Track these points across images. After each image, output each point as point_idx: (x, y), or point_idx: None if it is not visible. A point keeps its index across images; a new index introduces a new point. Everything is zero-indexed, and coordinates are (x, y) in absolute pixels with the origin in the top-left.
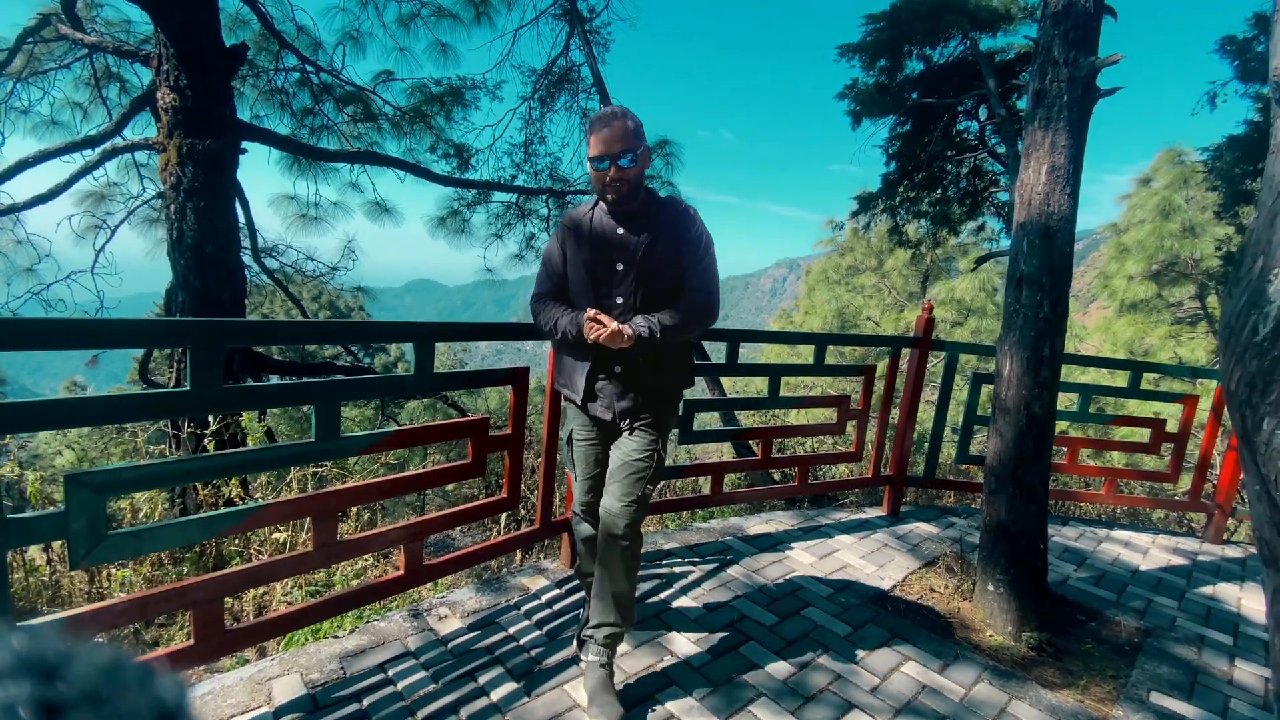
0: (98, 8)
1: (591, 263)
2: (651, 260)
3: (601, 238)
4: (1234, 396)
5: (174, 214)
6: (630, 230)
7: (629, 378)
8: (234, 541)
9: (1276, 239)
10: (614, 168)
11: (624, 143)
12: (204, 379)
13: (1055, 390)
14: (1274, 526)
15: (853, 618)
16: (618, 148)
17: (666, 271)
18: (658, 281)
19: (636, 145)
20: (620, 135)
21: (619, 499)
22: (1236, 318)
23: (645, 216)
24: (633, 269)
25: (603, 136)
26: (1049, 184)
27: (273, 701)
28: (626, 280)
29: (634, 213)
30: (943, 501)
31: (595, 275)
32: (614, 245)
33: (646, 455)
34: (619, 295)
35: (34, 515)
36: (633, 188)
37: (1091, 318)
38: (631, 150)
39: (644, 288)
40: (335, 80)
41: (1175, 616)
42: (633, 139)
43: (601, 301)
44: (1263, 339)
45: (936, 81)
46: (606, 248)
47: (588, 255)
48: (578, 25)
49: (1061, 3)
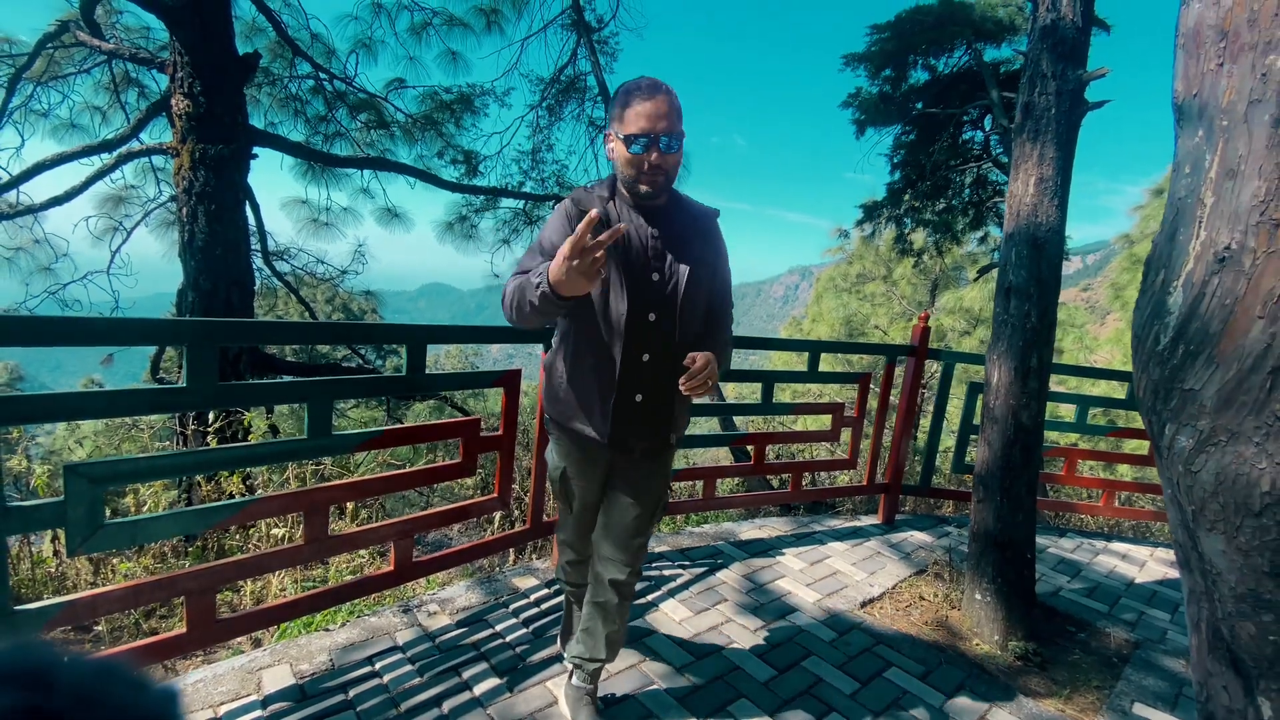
0: (117, 15)
1: (622, 261)
2: (696, 282)
3: (635, 239)
4: (1142, 403)
5: (186, 217)
6: (668, 237)
7: (652, 409)
8: (235, 537)
9: (1176, 254)
10: (656, 151)
11: (669, 121)
12: (199, 375)
13: (1044, 400)
14: (1184, 528)
15: (839, 624)
16: (663, 126)
17: (707, 285)
18: (701, 297)
19: (681, 127)
20: (668, 111)
21: (624, 547)
22: (1143, 328)
23: (678, 221)
24: (673, 286)
25: (646, 110)
26: (1037, 195)
27: (262, 690)
28: (660, 296)
29: (670, 215)
30: (940, 511)
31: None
32: (649, 251)
33: (658, 497)
34: (651, 313)
35: (35, 503)
36: (669, 180)
37: (1107, 329)
38: (677, 133)
39: (685, 309)
40: (348, 87)
41: (1166, 629)
42: (678, 119)
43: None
44: (1163, 348)
45: (941, 91)
46: (642, 253)
47: (621, 254)
48: (585, 35)
49: (1050, 17)
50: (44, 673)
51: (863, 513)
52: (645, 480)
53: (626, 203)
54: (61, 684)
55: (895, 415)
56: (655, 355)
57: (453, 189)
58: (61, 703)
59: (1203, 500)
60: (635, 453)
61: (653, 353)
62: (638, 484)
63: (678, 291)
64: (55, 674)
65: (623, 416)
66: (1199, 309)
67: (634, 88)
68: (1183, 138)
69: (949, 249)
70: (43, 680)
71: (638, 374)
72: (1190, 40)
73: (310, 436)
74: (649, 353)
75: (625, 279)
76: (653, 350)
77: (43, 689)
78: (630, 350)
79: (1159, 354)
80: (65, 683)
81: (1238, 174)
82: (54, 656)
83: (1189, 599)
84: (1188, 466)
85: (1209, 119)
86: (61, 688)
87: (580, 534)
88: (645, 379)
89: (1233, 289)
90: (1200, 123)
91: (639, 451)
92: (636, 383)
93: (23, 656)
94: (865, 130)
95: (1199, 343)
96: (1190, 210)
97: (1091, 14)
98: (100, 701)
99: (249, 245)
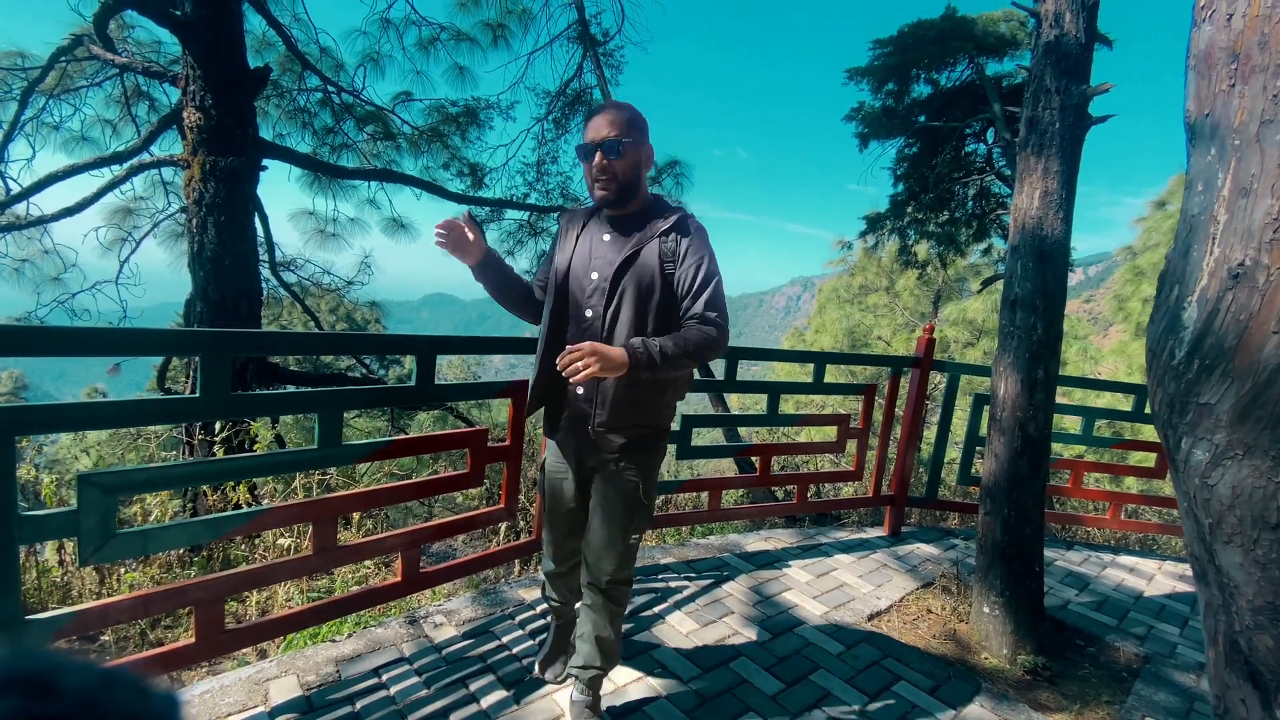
0: (129, 29)
1: (568, 266)
2: (628, 270)
3: (586, 241)
4: (1158, 417)
5: (195, 228)
6: (617, 237)
7: (603, 407)
8: (241, 547)
9: (1189, 269)
10: (599, 155)
11: (613, 129)
12: (213, 386)
13: (1050, 412)
14: (1200, 542)
15: (846, 637)
16: (604, 133)
17: (648, 288)
18: (637, 299)
19: (627, 134)
20: (609, 122)
21: (600, 555)
22: (1157, 342)
23: (639, 224)
24: (607, 280)
25: (592, 124)
26: (1042, 208)
27: (269, 702)
28: (598, 292)
29: (630, 219)
30: (946, 523)
31: (568, 281)
32: (595, 251)
33: (627, 505)
34: (588, 308)
35: (48, 513)
36: (621, 186)
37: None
38: (620, 138)
39: (620, 303)
40: (356, 100)
41: (1176, 643)
42: (624, 127)
43: (573, 314)
44: (1179, 362)
45: (944, 105)
46: (587, 253)
47: (569, 257)
48: (591, 49)
49: (1053, 33)
50: (47, 678)
51: (868, 524)
52: (617, 487)
53: (600, 214)
54: (65, 690)
55: (900, 427)
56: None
57: (458, 200)
58: (65, 708)
59: (1220, 513)
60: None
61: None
62: (608, 493)
63: (613, 290)
64: (58, 680)
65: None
66: (1214, 324)
67: (590, 111)
68: (1195, 156)
69: (952, 260)
70: (46, 686)
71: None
72: (1202, 62)
73: (320, 446)
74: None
75: (569, 275)
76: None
77: (46, 695)
78: (551, 341)
79: (1174, 368)
80: (68, 688)
81: (1250, 192)
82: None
83: (1205, 612)
84: (1204, 480)
85: (1221, 138)
86: (65, 693)
87: (553, 534)
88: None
89: (1247, 305)
90: (1213, 142)
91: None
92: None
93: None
94: (868, 143)
95: (1214, 357)
96: (1204, 227)
97: (1095, 30)
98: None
99: (257, 256)
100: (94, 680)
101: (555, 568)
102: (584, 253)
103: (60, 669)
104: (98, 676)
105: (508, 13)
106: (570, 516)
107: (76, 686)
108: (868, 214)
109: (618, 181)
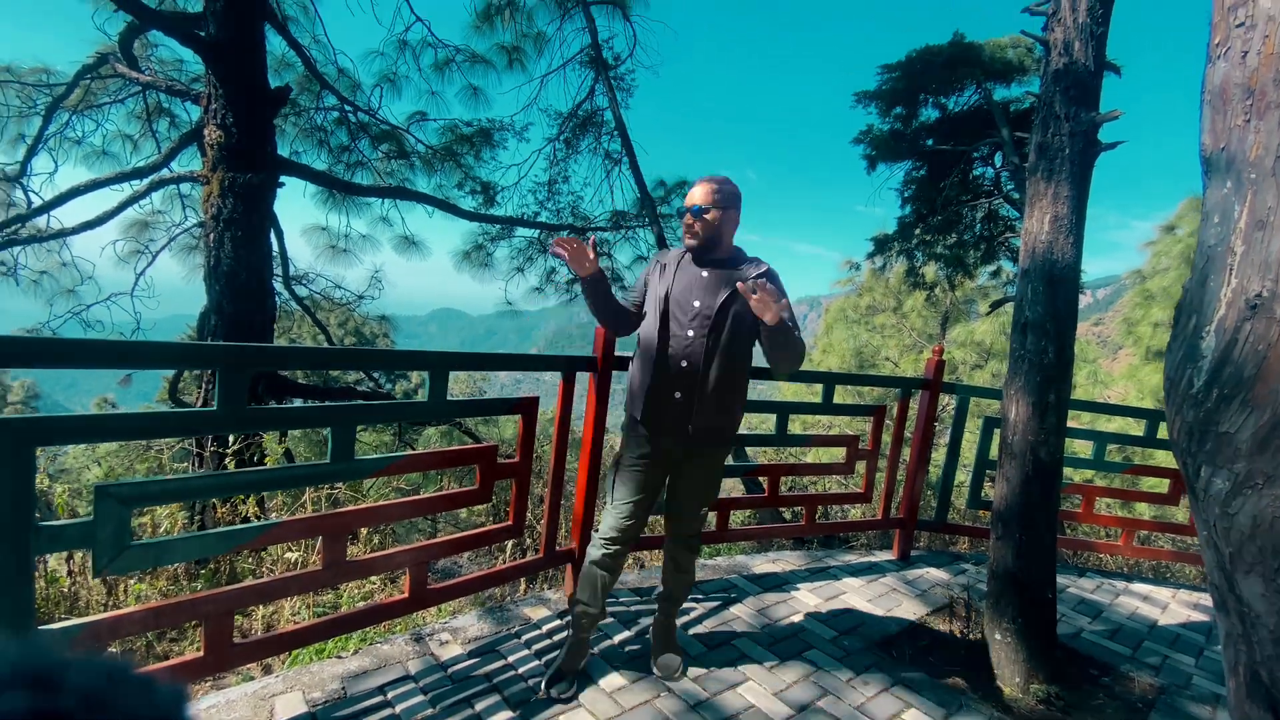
0: (153, 48)
1: (670, 294)
2: (731, 304)
3: (687, 277)
4: (1176, 445)
5: (213, 243)
6: (714, 276)
7: (693, 405)
8: (247, 560)
9: (1207, 299)
10: (688, 214)
11: (702, 198)
12: (231, 400)
13: (1062, 436)
14: (1220, 571)
15: (856, 662)
16: (695, 200)
17: (744, 319)
18: (729, 326)
19: (713, 203)
20: (703, 192)
21: (689, 520)
22: (1175, 371)
23: (730, 267)
24: (710, 309)
25: (693, 189)
26: (1052, 233)
27: (275, 717)
28: (700, 317)
29: (721, 262)
30: (956, 547)
31: (671, 307)
32: (695, 285)
33: (713, 488)
34: (690, 329)
35: (64, 523)
36: (706, 236)
37: (1119, 364)
38: (706, 206)
39: (718, 328)
40: (371, 119)
41: (1192, 674)
42: (710, 196)
43: (675, 332)
44: (1197, 391)
45: (952, 128)
46: (689, 286)
47: (669, 286)
48: (603, 72)
49: (1062, 61)
50: (52, 673)
51: (877, 547)
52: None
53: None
54: (69, 685)
55: (909, 449)
56: (693, 363)
57: (470, 218)
58: (69, 703)
59: (1240, 543)
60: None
61: (690, 360)
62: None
63: (717, 318)
64: (63, 675)
65: (661, 409)
66: (1232, 354)
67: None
68: (1211, 188)
69: (960, 283)
70: (50, 681)
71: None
72: (1217, 97)
73: (333, 460)
74: (686, 360)
75: (675, 300)
76: (690, 359)
77: (51, 690)
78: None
79: (1193, 397)
80: (73, 683)
81: (1267, 225)
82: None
83: (1226, 642)
84: (1224, 509)
85: (1237, 172)
86: (69, 688)
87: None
88: (680, 378)
89: (1265, 335)
90: (1228, 175)
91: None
92: (676, 381)
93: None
94: (876, 165)
95: (1233, 386)
96: (1221, 258)
97: (1103, 58)
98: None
99: (271, 270)
100: (100, 676)
101: (610, 560)
102: (685, 284)
103: (66, 665)
104: (103, 672)
105: (523, 36)
106: (645, 501)
107: (82, 682)
108: (875, 235)
109: (699, 235)
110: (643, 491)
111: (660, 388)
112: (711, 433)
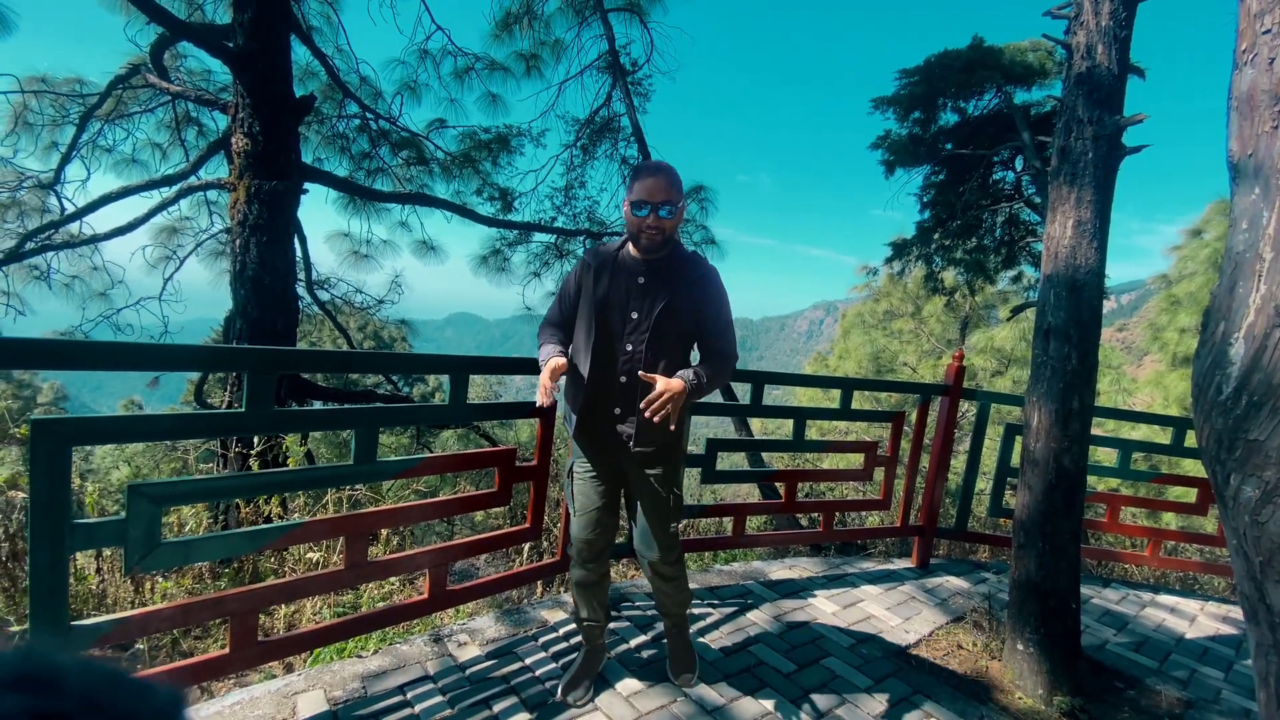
0: (182, 59)
1: (605, 304)
2: (668, 317)
3: (623, 283)
4: (1205, 452)
5: (239, 248)
6: (652, 281)
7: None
8: (270, 560)
9: (1236, 306)
10: (653, 215)
11: (667, 194)
12: (259, 402)
13: (1086, 444)
14: (1250, 580)
15: (874, 670)
16: (660, 197)
17: (679, 328)
18: (669, 336)
19: (677, 199)
20: (665, 186)
21: (650, 546)
22: (1204, 377)
23: (669, 270)
24: (648, 320)
25: (648, 185)
26: (1075, 238)
27: (297, 715)
28: (639, 330)
29: (660, 264)
30: (976, 555)
31: (607, 317)
32: (633, 293)
33: (664, 497)
34: (629, 343)
35: (98, 521)
36: (665, 239)
37: (1145, 370)
38: (672, 203)
39: (656, 340)
40: (392, 127)
41: (1221, 688)
42: (675, 192)
43: (611, 346)
44: (1226, 398)
45: (971, 133)
46: (625, 294)
47: (604, 295)
48: (620, 78)
49: (1085, 64)
50: (51, 676)
51: (895, 555)
52: (653, 483)
53: (632, 255)
54: (68, 687)
55: (929, 455)
56: (634, 378)
57: (488, 223)
58: (68, 706)
59: (1270, 551)
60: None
61: (630, 375)
62: (647, 490)
63: (654, 330)
64: (62, 677)
65: (599, 422)
66: (1261, 361)
67: (643, 167)
68: (1239, 195)
69: (981, 288)
70: (50, 683)
71: (609, 390)
72: (1244, 103)
73: (357, 462)
74: (625, 375)
75: (607, 312)
76: (630, 374)
77: (50, 692)
78: (595, 365)
79: (1221, 404)
80: (72, 686)
81: None
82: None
83: (1256, 653)
84: (1254, 517)
85: (1265, 178)
86: (68, 691)
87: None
88: (618, 394)
89: None
90: (1256, 181)
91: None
92: (613, 397)
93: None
94: (894, 170)
95: (1263, 394)
96: (1249, 265)
97: (1127, 62)
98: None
99: (295, 275)
100: (98, 679)
101: (587, 574)
102: (622, 292)
103: (65, 667)
104: (102, 675)
105: (541, 44)
106: (599, 517)
107: (81, 685)
108: (894, 240)
109: (665, 235)
110: (601, 500)
111: (597, 405)
112: (658, 449)
